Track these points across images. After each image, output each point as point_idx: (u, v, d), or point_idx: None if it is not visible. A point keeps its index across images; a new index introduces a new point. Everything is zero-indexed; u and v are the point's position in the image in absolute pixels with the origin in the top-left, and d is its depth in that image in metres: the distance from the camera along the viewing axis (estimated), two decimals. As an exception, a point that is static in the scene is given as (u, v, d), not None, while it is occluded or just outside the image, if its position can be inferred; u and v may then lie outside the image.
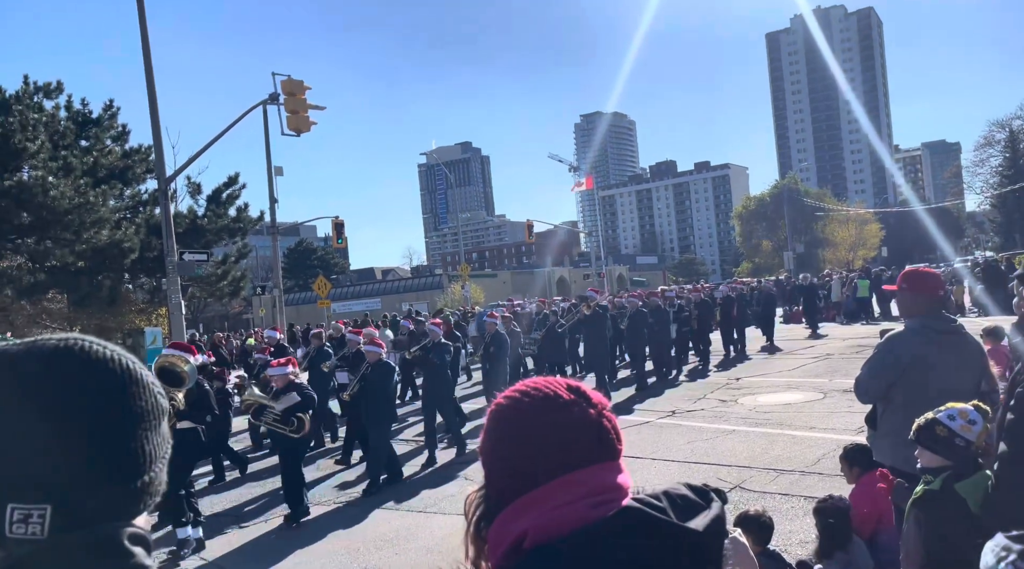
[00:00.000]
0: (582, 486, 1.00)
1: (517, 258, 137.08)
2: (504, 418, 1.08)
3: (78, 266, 19.86)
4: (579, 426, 1.04)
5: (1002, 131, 65.04)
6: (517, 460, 1.03)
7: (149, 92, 15.65)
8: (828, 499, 4.43)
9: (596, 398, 1.08)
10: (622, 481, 1.03)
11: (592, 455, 1.03)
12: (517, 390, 1.10)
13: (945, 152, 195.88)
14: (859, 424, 8.62)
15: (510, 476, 1.04)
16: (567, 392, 1.07)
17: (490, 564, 1.05)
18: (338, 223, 27.52)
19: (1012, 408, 2.22)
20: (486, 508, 1.08)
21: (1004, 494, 2.22)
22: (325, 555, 6.61)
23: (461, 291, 40.86)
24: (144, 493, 0.91)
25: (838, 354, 16.34)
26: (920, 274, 4.25)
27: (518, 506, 1.01)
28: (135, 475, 0.90)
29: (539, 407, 1.05)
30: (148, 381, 0.95)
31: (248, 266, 41.31)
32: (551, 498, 0.99)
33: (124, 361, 0.94)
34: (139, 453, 0.91)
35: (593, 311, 13.36)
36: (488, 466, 1.09)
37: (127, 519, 0.90)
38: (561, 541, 0.95)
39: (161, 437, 0.95)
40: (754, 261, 78.91)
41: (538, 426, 1.04)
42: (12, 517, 0.83)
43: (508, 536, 1.00)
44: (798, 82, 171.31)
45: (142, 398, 0.93)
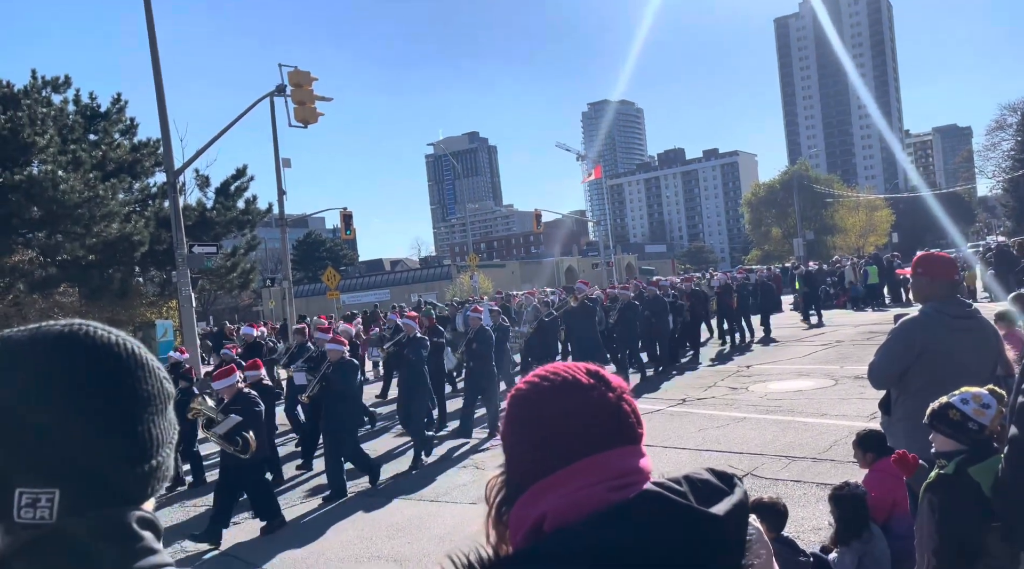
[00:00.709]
0: (602, 470, 1.00)
1: (525, 248, 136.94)
2: (524, 403, 1.08)
3: (89, 260, 19.95)
4: (598, 410, 1.03)
5: (1014, 115, 64.32)
6: (537, 444, 1.04)
7: (157, 85, 15.66)
8: (845, 486, 4.41)
9: (616, 382, 1.08)
10: (643, 465, 1.03)
11: (612, 439, 1.02)
12: (537, 375, 1.10)
13: (956, 136, 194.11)
14: (871, 410, 8.59)
15: (530, 460, 1.04)
16: (587, 376, 1.07)
17: (511, 547, 1.05)
18: (346, 214, 27.54)
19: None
20: (507, 492, 1.08)
21: (1015, 477, 2.20)
22: (337, 544, 6.65)
23: (470, 281, 40.88)
24: (152, 477, 0.91)
25: (849, 341, 16.28)
26: (934, 258, 4.21)
27: (537, 489, 1.01)
28: (143, 459, 0.90)
29: (559, 391, 1.05)
30: (154, 366, 0.95)
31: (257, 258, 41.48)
32: (570, 482, 0.99)
33: (129, 346, 0.94)
34: (146, 437, 0.91)
35: (581, 303, 12.92)
36: (509, 450, 1.09)
37: (135, 503, 0.89)
38: (580, 524, 0.95)
39: (168, 422, 0.95)
40: (763, 249, 78.50)
41: (558, 410, 1.04)
42: (21, 501, 0.83)
43: (528, 519, 1.01)
44: (807, 67, 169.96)
45: (148, 382, 0.93)
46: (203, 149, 16.69)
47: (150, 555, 0.87)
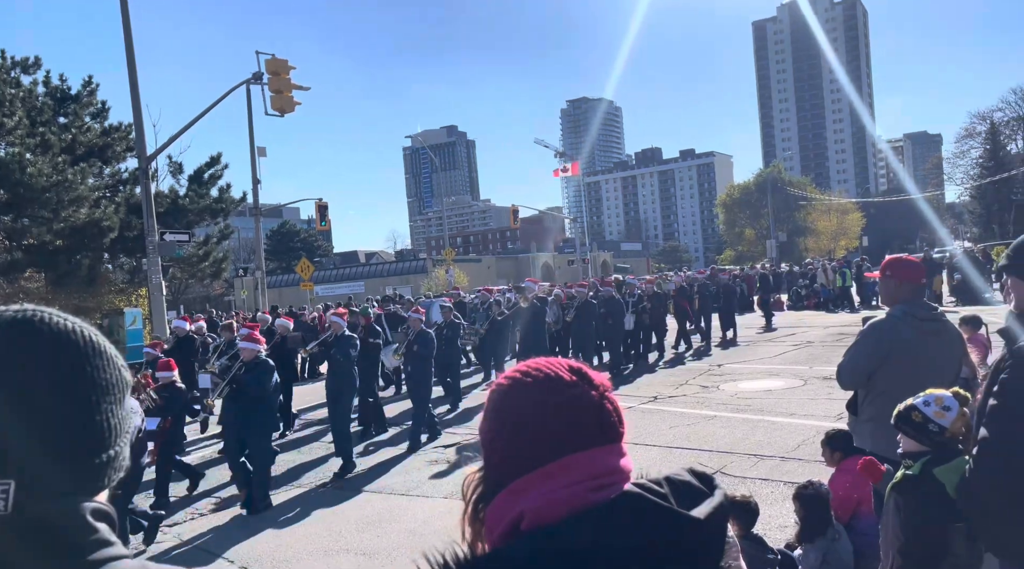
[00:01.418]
0: (582, 469, 0.98)
1: (502, 243, 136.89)
2: (504, 399, 1.06)
3: (56, 245, 19.58)
4: (580, 408, 1.02)
5: (983, 123, 65.66)
6: (517, 441, 1.02)
7: (129, 69, 15.38)
8: (808, 485, 4.48)
9: (598, 380, 1.06)
10: (623, 464, 1.02)
11: (593, 437, 1.01)
12: (518, 370, 1.08)
13: (926, 143, 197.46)
14: (839, 411, 8.73)
15: (509, 457, 1.02)
16: (568, 373, 1.05)
17: (487, 546, 1.04)
18: (322, 205, 27.30)
19: (995, 394, 2.24)
20: (484, 489, 1.06)
21: (981, 479, 2.25)
22: (306, 537, 6.60)
23: (445, 276, 40.78)
24: (108, 468, 0.90)
25: (819, 342, 16.50)
26: (902, 262, 4.28)
27: (516, 487, 0.99)
28: (99, 449, 0.88)
29: (540, 388, 1.03)
30: (112, 354, 0.93)
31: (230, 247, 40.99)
32: (550, 480, 0.98)
33: (87, 332, 0.92)
34: (104, 427, 0.89)
35: (531, 303, 12.44)
36: (487, 447, 1.07)
37: (90, 494, 0.88)
38: (558, 523, 0.93)
39: (125, 411, 0.93)
40: (737, 249, 79.42)
41: (539, 407, 1.02)
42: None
43: (505, 517, 0.99)
44: (784, 71, 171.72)
45: (106, 371, 0.91)
46: (177, 135, 16.44)
47: (105, 547, 0.85)
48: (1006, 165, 60.61)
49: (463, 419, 11.29)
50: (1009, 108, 65.26)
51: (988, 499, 2.24)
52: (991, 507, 2.26)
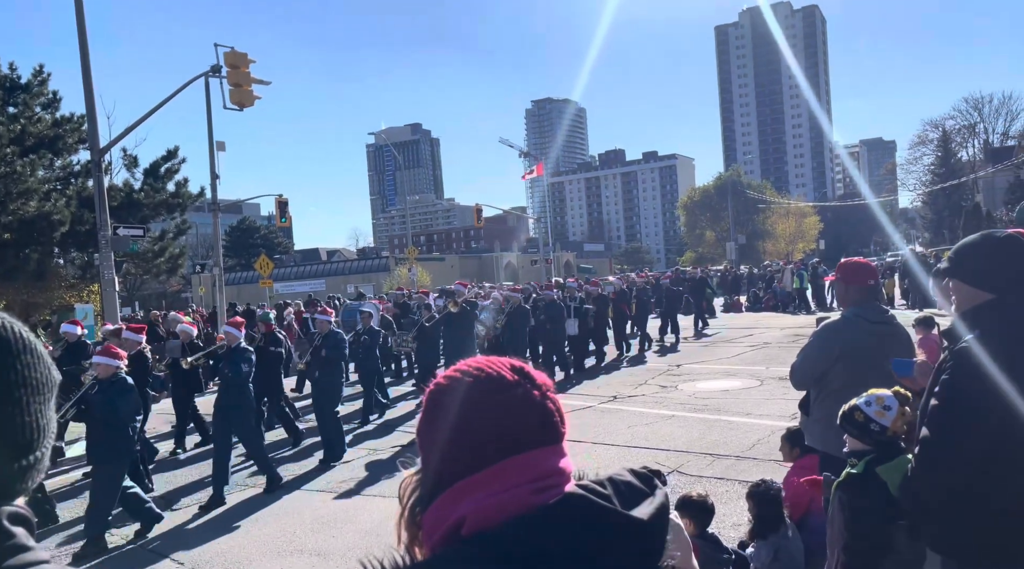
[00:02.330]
0: (524, 471, 0.96)
1: (466, 242, 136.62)
2: (443, 399, 1.03)
3: (3, 238, 18.96)
4: (522, 408, 0.99)
5: (935, 131, 67.70)
6: (456, 443, 0.99)
7: (82, 57, 14.96)
8: (761, 484, 4.55)
9: (540, 379, 1.04)
10: (564, 465, 1.00)
11: (535, 438, 0.99)
12: (458, 370, 1.05)
13: (881, 149, 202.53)
14: (793, 410, 8.86)
15: (449, 459, 0.99)
16: (511, 372, 1.03)
17: (425, 550, 1.01)
18: (282, 201, 26.88)
19: (935, 394, 2.29)
20: (422, 492, 1.03)
21: (922, 477, 2.29)
22: (260, 538, 6.49)
23: (408, 274, 40.52)
24: (32, 471, 0.85)
25: (775, 343, 16.80)
26: (851, 265, 4.36)
27: (456, 490, 0.97)
28: (26, 451, 0.84)
29: (481, 387, 1.01)
30: (41, 351, 0.89)
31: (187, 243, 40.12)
32: (491, 483, 0.95)
33: (16, 328, 0.87)
34: (32, 428, 0.85)
35: (460, 308, 11.67)
36: (425, 448, 1.04)
37: (10, 498, 0.83)
38: (501, 527, 0.91)
39: (52, 412, 0.89)
40: (698, 251, 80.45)
41: (479, 407, 0.99)
42: None
43: (445, 521, 0.96)
44: (745, 75, 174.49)
45: (37, 369, 0.87)
46: (132, 127, 16.03)
47: (23, 552, 0.81)
48: (957, 172, 62.52)
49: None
50: (960, 116, 67.47)
51: (929, 497, 2.29)
52: (932, 505, 2.31)
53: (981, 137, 68.15)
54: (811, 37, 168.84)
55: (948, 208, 62.75)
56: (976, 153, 68.14)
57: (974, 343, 2.24)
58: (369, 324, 11.82)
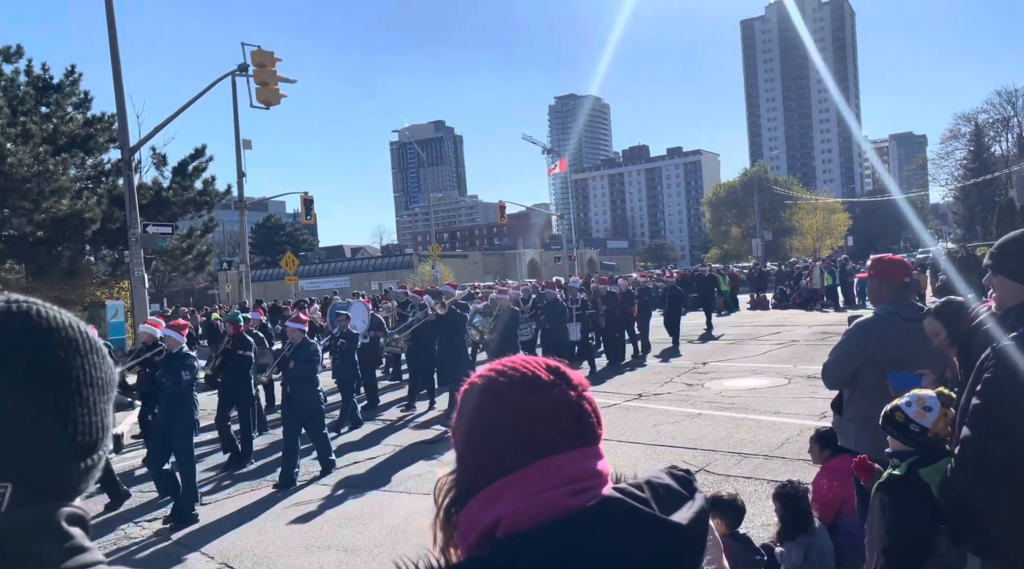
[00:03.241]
0: (560, 473, 0.94)
1: (488, 239, 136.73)
2: (479, 399, 1.01)
3: (37, 236, 19.31)
4: (558, 409, 0.98)
5: (968, 125, 66.35)
6: (492, 443, 0.97)
7: (113, 59, 15.18)
8: (788, 484, 4.48)
9: (577, 379, 1.02)
10: (601, 467, 0.98)
11: (571, 440, 0.97)
12: (493, 369, 1.03)
13: (911, 144, 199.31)
14: (822, 410, 8.77)
15: (484, 460, 0.98)
16: (547, 372, 1.01)
17: (460, 551, 1.00)
18: (307, 199, 27.13)
19: (978, 393, 2.22)
20: (457, 493, 1.02)
21: (964, 478, 2.23)
22: (288, 533, 6.54)
23: (431, 271, 40.67)
24: (92, 471, 0.85)
25: (803, 340, 16.59)
26: (885, 261, 4.27)
27: (492, 492, 0.95)
28: (92, 450, 0.84)
29: (517, 388, 0.99)
30: (105, 351, 0.89)
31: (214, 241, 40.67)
32: (527, 484, 0.94)
33: (82, 327, 0.87)
34: (99, 427, 0.84)
35: (449, 310, 10.89)
36: (460, 449, 1.02)
37: (71, 498, 0.83)
38: (537, 530, 0.90)
39: (112, 412, 0.89)
40: (723, 248, 79.75)
41: (515, 408, 0.98)
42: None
43: (480, 523, 0.95)
44: (771, 70, 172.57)
45: (102, 369, 0.86)
46: (161, 126, 16.24)
47: (80, 553, 0.80)
48: (990, 167, 61.28)
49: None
50: (993, 110, 66.04)
51: (971, 498, 2.23)
52: (974, 507, 2.25)
53: (1015, 131, 66.64)
54: (839, 30, 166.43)
55: (981, 203, 61.55)
56: (1010, 147, 66.68)
57: (1020, 341, 2.18)
58: (346, 327, 11.04)
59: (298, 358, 8.21)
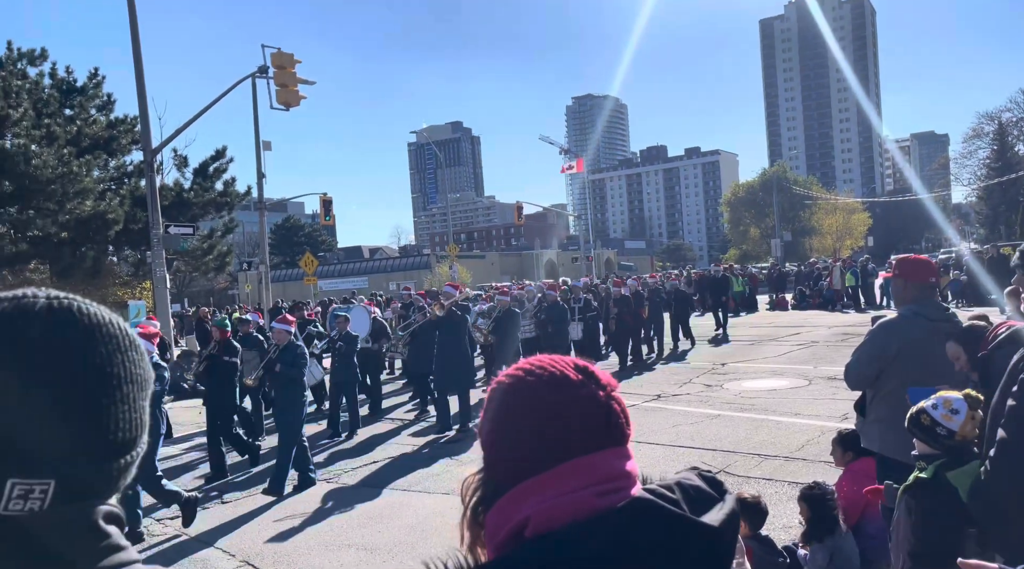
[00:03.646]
0: (589, 473, 0.94)
1: (506, 240, 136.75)
2: (507, 398, 1.01)
3: (61, 237, 19.60)
4: (588, 408, 0.97)
5: (991, 123, 65.35)
6: (520, 443, 0.97)
7: (135, 62, 15.37)
8: (814, 486, 4.44)
9: (605, 379, 1.02)
10: (630, 468, 0.98)
11: (600, 440, 0.97)
12: (521, 368, 1.03)
13: (933, 143, 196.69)
14: (843, 411, 8.68)
15: (512, 460, 0.97)
16: (575, 372, 1.01)
17: (487, 551, 1.00)
18: (326, 200, 27.27)
19: (1013, 394, 2.18)
20: (484, 492, 1.02)
21: (999, 481, 2.19)
22: (308, 532, 6.58)
23: (449, 271, 40.75)
24: (129, 469, 0.85)
25: (823, 342, 16.44)
26: (911, 261, 4.23)
27: (520, 491, 0.95)
28: (131, 447, 0.84)
29: (545, 387, 0.99)
30: (143, 348, 0.89)
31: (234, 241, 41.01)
32: (556, 484, 0.93)
33: (121, 324, 0.88)
34: (139, 424, 0.85)
35: (448, 311, 10.39)
36: (488, 448, 1.02)
37: (108, 496, 0.83)
38: (566, 530, 0.89)
39: (149, 409, 0.89)
40: (742, 248, 79.19)
41: (544, 407, 0.97)
42: (12, 493, 0.76)
43: (508, 523, 0.95)
44: (790, 69, 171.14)
45: (141, 365, 0.87)
46: (182, 128, 16.43)
47: (117, 552, 0.81)
48: (1014, 166, 60.34)
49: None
50: (1017, 108, 64.97)
51: (1004, 502, 2.20)
52: (1007, 511, 2.21)
53: (1039, 130, 65.57)
54: (860, 28, 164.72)
55: (1004, 203, 60.60)
56: (1034, 147, 65.62)
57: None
58: (345, 329, 10.71)
59: (284, 360, 7.95)
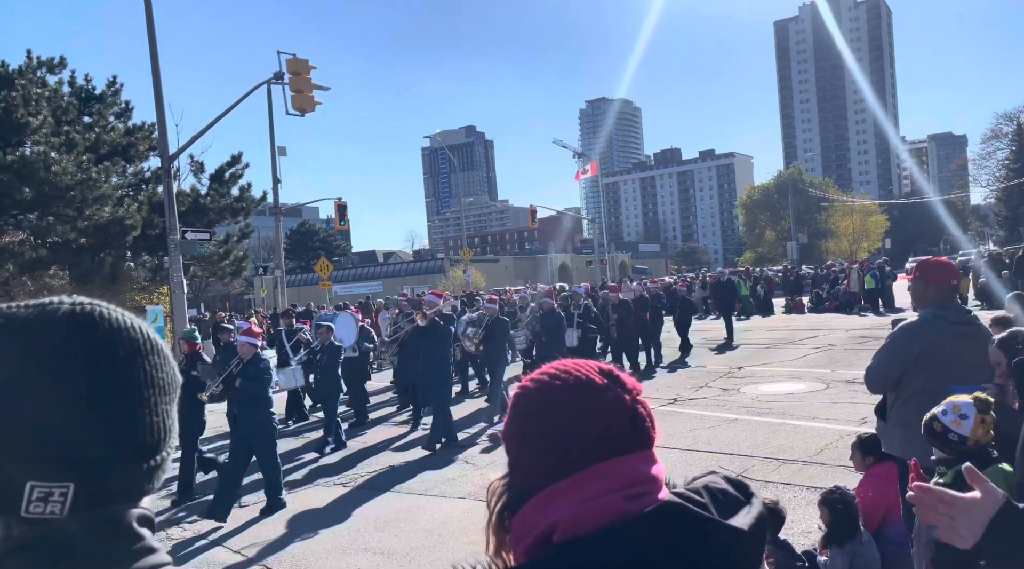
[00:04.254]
0: (616, 477, 0.94)
1: (519, 244, 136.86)
2: (533, 402, 1.01)
3: (80, 243, 19.81)
4: (614, 412, 0.98)
5: (1010, 124, 64.59)
6: (547, 447, 0.97)
7: (153, 69, 15.52)
8: (835, 490, 4.39)
9: (631, 383, 1.02)
10: (656, 472, 0.98)
11: (626, 444, 0.97)
12: (547, 372, 1.03)
13: (951, 144, 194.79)
14: (862, 415, 8.61)
15: (538, 464, 0.98)
16: (600, 376, 1.01)
17: (513, 556, 1.00)
18: (341, 205, 27.41)
19: None
20: (510, 497, 1.02)
21: None
22: (326, 536, 6.60)
23: (463, 276, 40.81)
24: (158, 472, 0.86)
25: (840, 345, 16.30)
26: (931, 263, 4.19)
27: (546, 496, 0.95)
28: (153, 452, 0.85)
29: (572, 391, 0.99)
30: (167, 352, 0.90)
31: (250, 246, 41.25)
32: (583, 489, 0.93)
33: (145, 329, 0.88)
34: (161, 428, 0.86)
35: (431, 321, 9.81)
36: (514, 453, 1.02)
37: (138, 500, 0.84)
38: (596, 535, 0.89)
39: (175, 413, 0.90)
40: (757, 251, 78.76)
41: (571, 411, 0.98)
42: (32, 496, 0.77)
43: (536, 528, 0.95)
44: (805, 71, 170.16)
45: (164, 370, 0.88)
46: (199, 134, 16.54)
47: (149, 554, 0.82)
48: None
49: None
50: (1037, 109, 64.12)
51: None
52: None
53: (1059, 130, 64.72)
54: (876, 29, 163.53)
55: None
56: (1054, 147, 64.75)
57: None
58: (328, 339, 10.43)
59: (246, 375, 7.47)
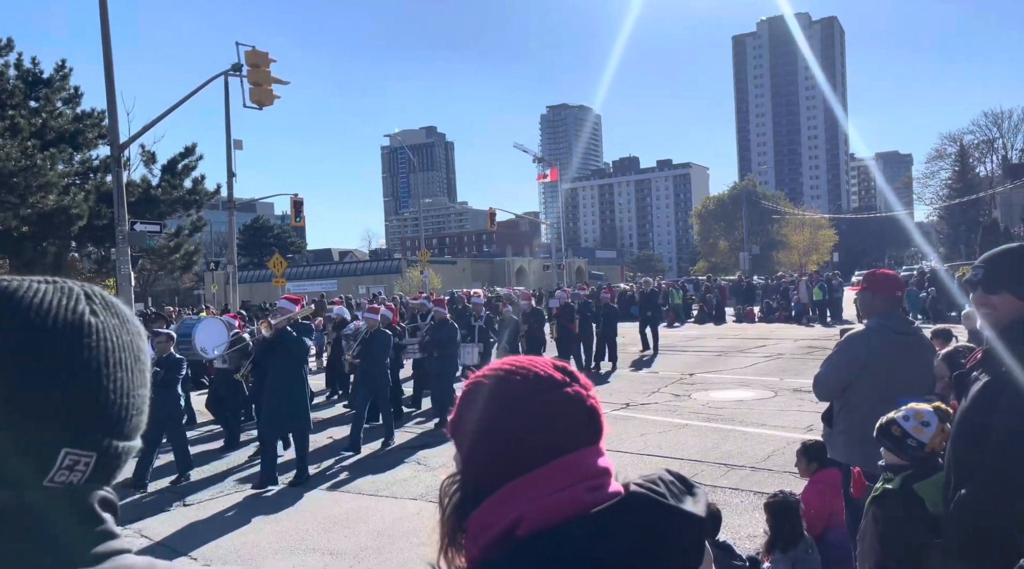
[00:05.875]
0: (577, 470, 0.96)
1: (478, 246, 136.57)
2: (490, 398, 1.00)
3: (22, 231, 19.13)
4: (573, 407, 0.99)
5: (953, 145, 67.14)
6: (505, 443, 0.98)
7: (105, 54, 15.08)
8: (779, 494, 4.47)
9: (583, 379, 1.05)
10: (606, 464, 1.00)
11: (584, 437, 0.99)
12: (502, 368, 1.03)
13: (897, 163, 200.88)
14: (809, 422, 8.82)
15: (495, 461, 0.98)
16: (556, 371, 1.02)
17: (468, 553, 0.99)
18: (297, 201, 27.02)
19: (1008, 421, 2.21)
20: (463, 495, 1.01)
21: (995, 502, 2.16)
22: (272, 535, 6.47)
23: (420, 276, 40.58)
24: (128, 454, 0.83)
25: (789, 354, 16.68)
26: (878, 275, 4.32)
27: (507, 491, 0.95)
28: (137, 432, 0.83)
29: (534, 386, 1.00)
30: (138, 329, 0.87)
31: (202, 240, 40.35)
32: (546, 482, 0.94)
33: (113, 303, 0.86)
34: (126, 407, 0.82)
35: (279, 332, 8.10)
36: (468, 450, 1.01)
37: (102, 482, 0.81)
38: (566, 527, 0.91)
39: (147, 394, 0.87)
40: (711, 260, 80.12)
41: (530, 406, 0.98)
42: (63, 462, 0.75)
43: (497, 523, 0.95)
44: (761, 86, 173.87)
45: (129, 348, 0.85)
46: (152, 123, 16.14)
47: (110, 539, 0.79)
48: (974, 187, 62.01)
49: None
50: (979, 131, 66.85)
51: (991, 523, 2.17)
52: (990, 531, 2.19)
53: (1000, 153, 67.47)
54: (829, 49, 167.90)
55: (965, 223, 62.22)
56: (994, 169, 67.47)
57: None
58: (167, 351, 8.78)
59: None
